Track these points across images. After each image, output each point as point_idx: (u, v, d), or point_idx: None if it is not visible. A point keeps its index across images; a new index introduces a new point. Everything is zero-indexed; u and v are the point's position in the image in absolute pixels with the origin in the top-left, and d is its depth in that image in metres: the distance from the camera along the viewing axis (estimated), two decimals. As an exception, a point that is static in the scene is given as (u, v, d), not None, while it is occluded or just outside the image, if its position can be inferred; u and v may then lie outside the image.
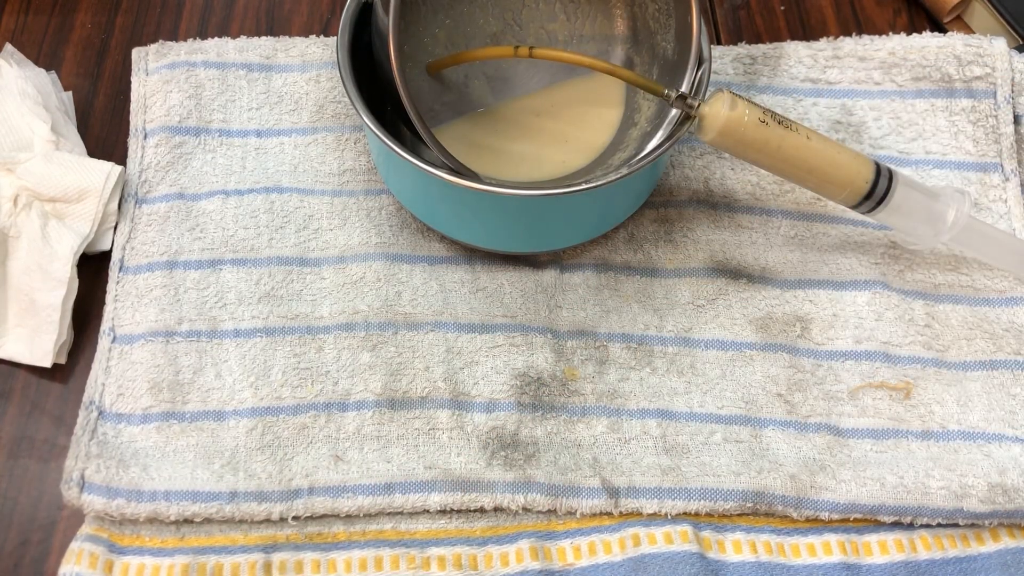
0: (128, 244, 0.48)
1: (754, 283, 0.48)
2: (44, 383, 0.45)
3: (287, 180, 0.50)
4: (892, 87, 0.53)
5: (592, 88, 0.50)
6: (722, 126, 0.41)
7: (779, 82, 0.54)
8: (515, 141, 0.49)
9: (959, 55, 0.52)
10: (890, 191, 0.43)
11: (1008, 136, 0.51)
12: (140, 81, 0.53)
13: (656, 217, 0.50)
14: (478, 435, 0.43)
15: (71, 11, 0.57)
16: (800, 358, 0.46)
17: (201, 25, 0.57)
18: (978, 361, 0.46)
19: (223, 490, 0.41)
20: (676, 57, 0.47)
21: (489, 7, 0.49)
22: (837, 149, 0.42)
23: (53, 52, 0.56)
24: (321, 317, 0.46)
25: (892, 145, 0.52)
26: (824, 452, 0.43)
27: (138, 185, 0.49)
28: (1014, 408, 0.44)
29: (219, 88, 0.53)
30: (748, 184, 0.51)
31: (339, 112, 0.53)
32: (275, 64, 0.54)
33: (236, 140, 0.51)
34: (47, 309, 0.45)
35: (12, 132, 0.48)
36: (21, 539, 0.41)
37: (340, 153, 0.51)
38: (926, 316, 0.47)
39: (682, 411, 0.44)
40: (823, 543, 0.41)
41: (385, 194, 0.50)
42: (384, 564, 0.40)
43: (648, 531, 0.41)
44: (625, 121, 0.50)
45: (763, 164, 0.43)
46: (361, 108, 0.42)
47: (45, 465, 0.43)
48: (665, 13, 0.47)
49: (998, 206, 0.50)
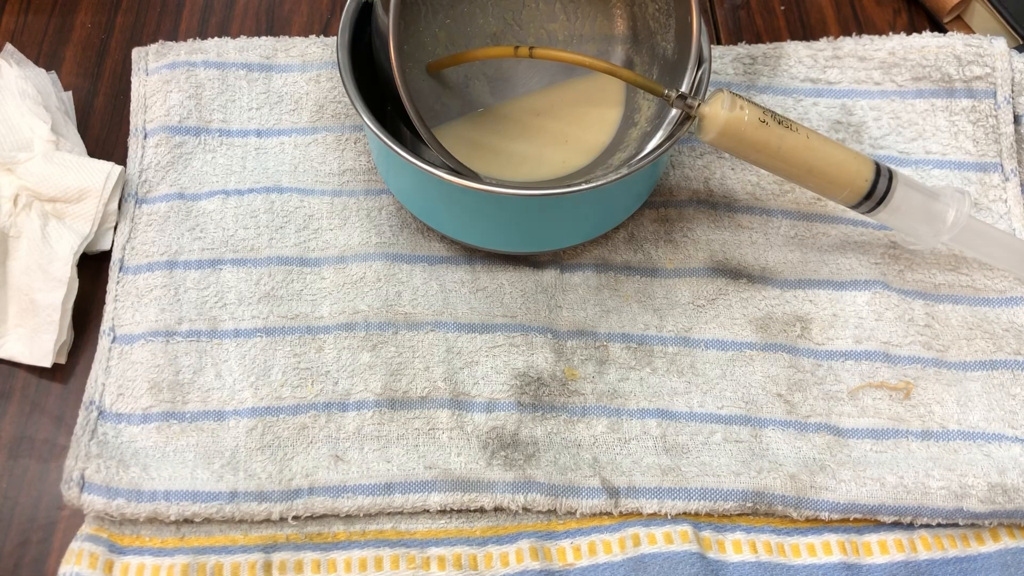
0: (128, 244, 0.48)
1: (754, 283, 0.48)
2: (44, 383, 0.45)
3: (287, 180, 0.50)
4: (892, 87, 0.53)
5: (592, 88, 0.50)
6: (722, 126, 0.41)
7: (779, 82, 0.54)
8: (515, 141, 0.49)
9: (959, 55, 0.52)
10: (890, 191, 0.43)
11: (1008, 136, 0.51)
12: (140, 81, 0.53)
13: (656, 217, 0.50)
14: (478, 435, 0.43)
15: (71, 11, 0.57)
16: (800, 358, 0.46)
17: (201, 25, 0.57)
18: (978, 361, 0.46)
19: (223, 490, 0.41)
20: (676, 57, 0.47)
21: (489, 7, 0.49)
22: (837, 149, 0.42)
23: (53, 52, 0.56)
24: (321, 317, 0.46)
25: (892, 145, 0.52)
26: (824, 452, 0.43)
27: (138, 185, 0.49)
28: (1014, 408, 0.44)
29: (219, 88, 0.53)
30: (748, 184, 0.51)
31: (339, 112, 0.53)
32: (275, 64, 0.54)
33: (236, 140, 0.51)
34: (47, 309, 0.45)
35: (12, 132, 0.48)
36: (21, 539, 0.41)
37: (340, 153, 0.51)
38: (926, 316, 0.47)
39: (682, 411, 0.44)
40: (823, 543, 0.41)
41: (385, 194, 0.50)
42: (384, 564, 0.40)
43: (648, 531, 0.41)
44: (625, 121, 0.50)
45: (763, 164, 0.43)
46: (361, 108, 0.42)
47: (45, 465, 0.43)
48: (665, 13, 0.47)
49: (998, 206, 0.50)
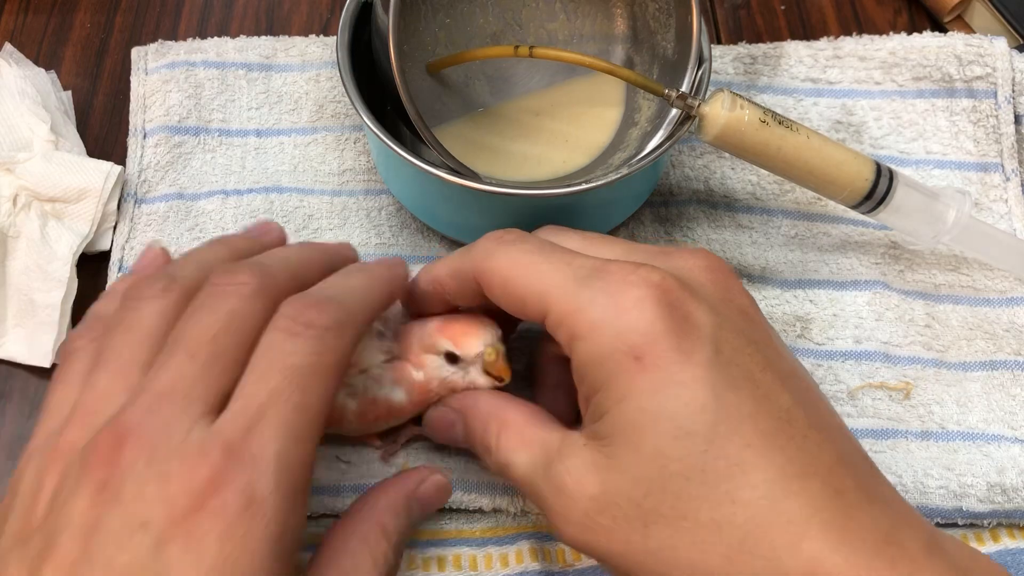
0: (128, 244, 0.48)
1: (754, 283, 0.48)
2: (44, 383, 0.45)
3: (287, 180, 0.50)
4: (893, 87, 0.53)
5: (592, 88, 0.50)
6: (722, 126, 0.41)
7: (779, 82, 0.54)
8: (515, 141, 0.49)
9: (959, 55, 0.52)
10: (890, 191, 0.43)
11: (1009, 136, 0.51)
12: (139, 81, 0.53)
13: (656, 217, 0.50)
14: (478, 435, 0.43)
15: (71, 11, 0.57)
16: (800, 358, 0.46)
17: (201, 25, 0.57)
18: (978, 361, 0.46)
19: (223, 490, 0.40)
20: (676, 57, 0.47)
21: (489, 7, 0.49)
22: (837, 149, 0.42)
23: (52, 52, 0.56)
24: (321, 317, 0.46)
25: (892, 145, 0.52)
26: (824, 452, 0.43)
27: (137, 185, 0.49)
28: (1014, 408, 0.44)
29: (219, 88, 0.52)
30: (748, 184, 0.51)
31: (339, 112, 0.53)
32: (275, 64, 0.54)
33: (236, 140, 0.51)
34: (46, 309, 0.45)
35: (11, 132, 0.48)
36: (21, 539, 0.41)
37: (340, 153, 0.51)
38: (926, 316, 0.47)
39: (682, 411, 0.44)
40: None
41: (385, 194, 0.50)
42: (384, 564, 0.40)
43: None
44: (625, 121, 0.50)
45: (763, 164, 0.43)
46: (361, 108, 0.42)
47: (45, 465, 0.43)
48: (665, 13, 0.47)
49: (999, 206, 0.50)
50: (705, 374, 0.29)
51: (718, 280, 0.33)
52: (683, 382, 0.29)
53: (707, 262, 0.34)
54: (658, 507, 0.29)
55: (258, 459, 0.27)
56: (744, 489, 0.28)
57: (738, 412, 0.29)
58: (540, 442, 0.33)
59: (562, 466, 0.31)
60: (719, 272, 0.34)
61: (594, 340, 0.30)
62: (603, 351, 0.30)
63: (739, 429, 0.29)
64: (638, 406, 0.29)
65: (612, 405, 0.30)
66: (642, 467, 0.29)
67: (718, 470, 0.28)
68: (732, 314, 0.32)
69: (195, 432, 0.27)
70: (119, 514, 0.26)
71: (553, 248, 0.34)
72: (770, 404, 0.30)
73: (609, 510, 0.30)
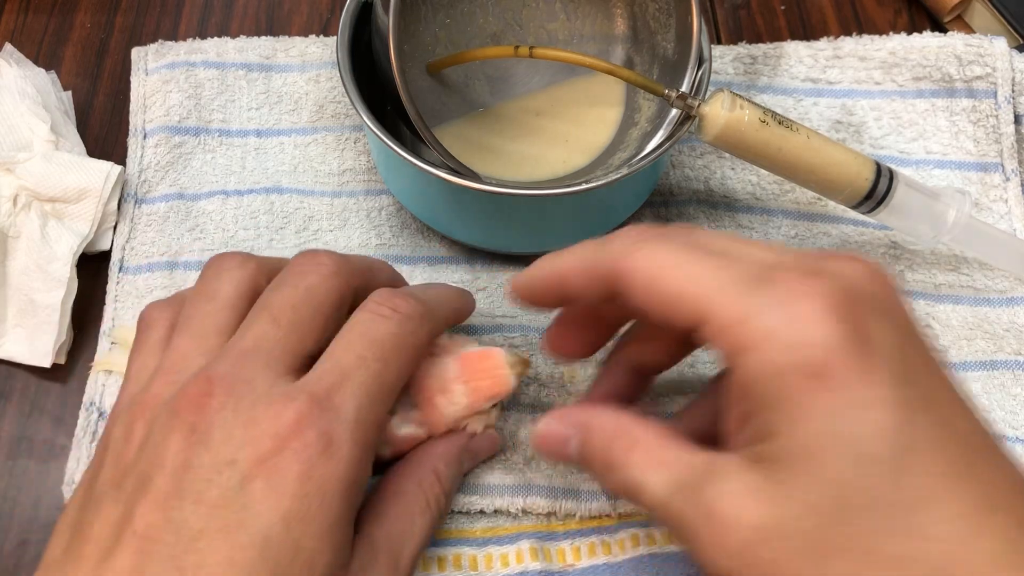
0: (128, 244, 0.48)
1: (754, 283, 0.48)
2: (44, 383, 0.45)
3: (287, 180, 0.50)
4: (893, 87, 0.53)
5: (592, 88, 0.50)
6: (722, 126, 0.41)
7: (779, 82, 0.54)
8: (515, 141, 0.49)
9: (959, 55, 0.52)
10: (890, 191, 0.43)
11: (1009, 136, 0.51)
12: (140, 81, 0.53)
13: (656, 217, 0.50)
14: (478, 435, 0.43)
15: (71, 11, 0.57)
16: (800, 358, 0.46)
17: (201, 25, 0.57)
18: (978, 361, 0.46)
19: (223, 491, 0.41)
20: (676, 57, 0.46)
21: (489, 7, 0.49)
22: (837, 149, 0.42)
23: (53, 52, 0.56)
24: (321, 317, 0.46)
25: (892, 145, 0.52)
26: (824, 452, 0.43)
27: (137, 185, 0.49)
28: (1014, 408, 0.44)
29: (219, 88, 0.52)
30: (748, 184, 0.51)
31: (339, 112, 0.53)
32: (275, 64, 0.54)
33: (236, 140, 0.51)
34: (46, 309, 0.45)
35: (11, 132, 0.48)
36: (21, 539, 0.41)
37: (340, 153, 0.51)
38: (926, 316, 0.47)
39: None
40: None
41: (385, 194, 0.50)
42: (384, 564, 0.40)
43: (648, 531, 0.41)
44: (625, 121, 0.50)
45: (763, 164, 0.43)
46: (361, 108, 0.42)
47: (45, 465, 0.43)
48: (665, 13, 0.47)
49: (999, 206, 0.50)
50: (890, 394, 0.26)
51: (887, 290, 0.30)
52: (867, 403, 0.26)
53: (872, 269, 0.30)
54: (835, 538, 0.26)
55: (339, 410, 0.30)
56: (938, 524, 0.25)
57: (925, 437, 0.26)
58: (680, 463, 0.30)
59: (714, 490, 0.28)
60: (887, 281, 0.30)
61: (766, 353, 0.27)
62: (776, 366, 0.27)
63: (928, 456, 0.26)
64: (816, 428, 0.26)
65: (784, 426, 0.27)
66: (818, 495, 0.26)
67: (905, 501, 0.26)
68: (907, 327, 0.29)
69: (279, 385, 0.30)
70: (209, 454, 0.28)
71: (703, 248, 0.30)
72: (954, 428, 0.27)
73: (774, 541, 0.27)
